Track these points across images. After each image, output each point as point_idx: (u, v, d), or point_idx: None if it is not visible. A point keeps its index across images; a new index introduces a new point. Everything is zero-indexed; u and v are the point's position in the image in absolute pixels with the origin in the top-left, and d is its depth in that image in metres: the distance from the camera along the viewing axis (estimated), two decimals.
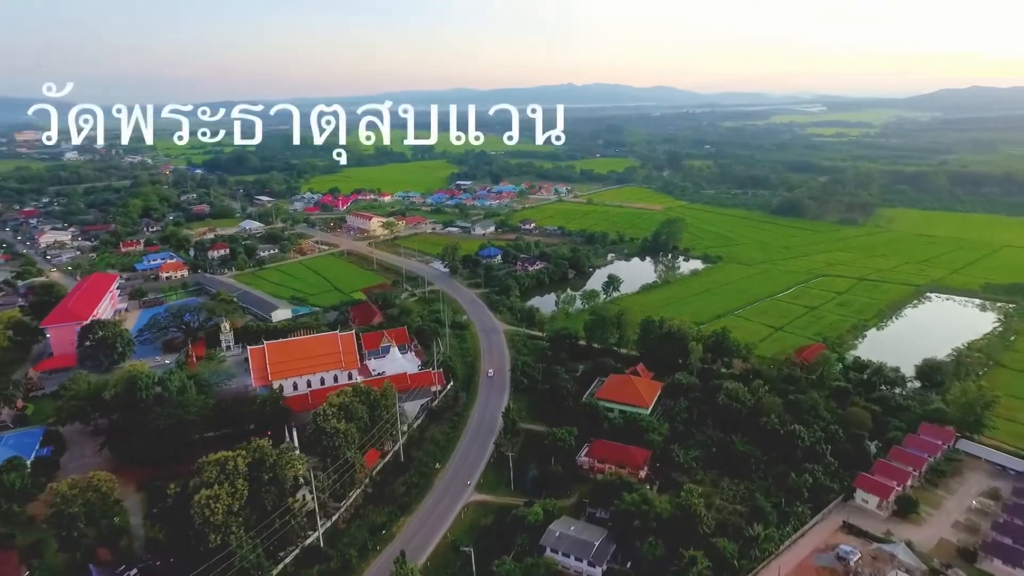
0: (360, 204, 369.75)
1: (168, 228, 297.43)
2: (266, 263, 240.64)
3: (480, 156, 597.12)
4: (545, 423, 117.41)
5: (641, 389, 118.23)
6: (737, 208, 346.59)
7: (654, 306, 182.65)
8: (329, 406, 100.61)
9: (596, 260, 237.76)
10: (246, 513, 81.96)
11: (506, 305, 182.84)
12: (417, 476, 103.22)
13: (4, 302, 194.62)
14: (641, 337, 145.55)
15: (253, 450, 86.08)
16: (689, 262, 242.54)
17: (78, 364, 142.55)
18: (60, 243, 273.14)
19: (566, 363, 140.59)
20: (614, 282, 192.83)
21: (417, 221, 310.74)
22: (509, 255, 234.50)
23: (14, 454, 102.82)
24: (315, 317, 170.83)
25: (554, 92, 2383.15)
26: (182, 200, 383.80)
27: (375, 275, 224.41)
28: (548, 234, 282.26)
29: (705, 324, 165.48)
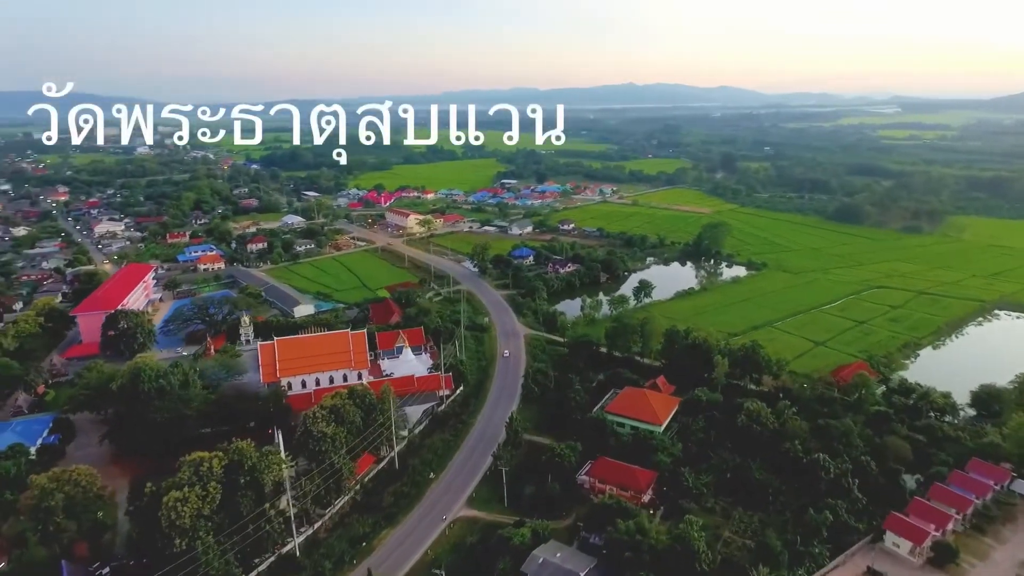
0: (403, 201, 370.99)
1: (214, 221, 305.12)
2: (300, 258, 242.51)
3: (529, 155, 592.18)
4: (551, 436, 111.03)
5: (655, 405, 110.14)
6: (791, 213, 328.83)
7: (687, 314, 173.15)
8: (320, 408, 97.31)
9: (632, 264, 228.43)
10: (220, 517, 79.26)
11: (531, 308, 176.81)
12: (408, 485, 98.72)
13: (50, 288, 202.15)
14: (665, 347, 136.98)
15: (232, 451, 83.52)
16: (732, 268, 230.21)
17: (101, 353, 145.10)
18: (112, 233, 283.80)
19: (584, 372, 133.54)
20: (645, 287, 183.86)
21: (455, 219, 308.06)
22: (542, 256, 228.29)
23: (18, 441, 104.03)
24: (335, 314, 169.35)
25: (614, 92, 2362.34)
26: (234, 194, 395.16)
27: (406, 273, 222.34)
28: (586, 235, 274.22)
29: (739, 335, 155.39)
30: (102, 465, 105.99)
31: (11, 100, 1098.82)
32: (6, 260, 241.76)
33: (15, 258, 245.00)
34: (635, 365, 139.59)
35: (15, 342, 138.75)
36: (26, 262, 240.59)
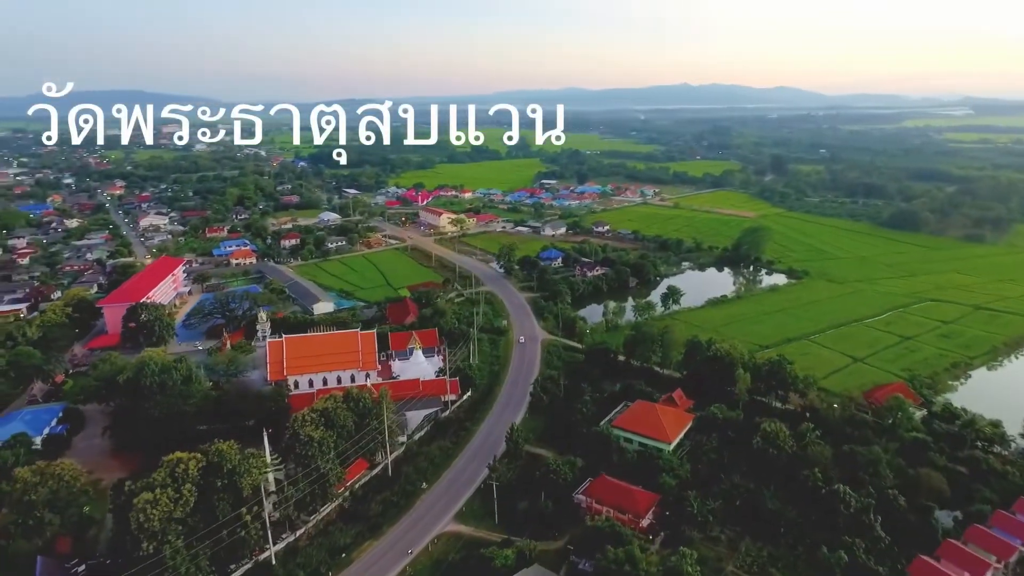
0: (440, 200, 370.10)
1: (253, 217, 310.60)
2: (331, 255, 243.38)
3: (573, 155, 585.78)
4: (554, 448, 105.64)
5: (665, 421, 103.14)
6: (842, 218, 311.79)
7: (717, 323, 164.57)
8: (311, 411, 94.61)
9: (665, 268, 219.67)
10: (194, 520, 77.19)
11: (552, 312, 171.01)
12: (398, 495, 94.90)
13: (88, 279, 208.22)
14: (685, 359, 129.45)
15: (212, 453, 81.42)
16: (772, 276, 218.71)
17: (121, 344, 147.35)
18: (155, 227, 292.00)
19: (598, 381, 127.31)
20: (673, 294, 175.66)
21: (489, 219, 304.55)
22: (570, 258, 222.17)
23: (24, 430, 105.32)
24: (352, 313, 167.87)
25: (667, 92, 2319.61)
26: (277, 190, 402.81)
27: (431, 272, 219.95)
28: (620, 238, 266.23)
29: (770, 348, 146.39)
30: (102, 458, 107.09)
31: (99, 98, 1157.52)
32: (55, 251, 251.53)
33: (63, 249, 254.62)
34: (654, 376, 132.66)
35: (39, 332, 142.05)
36: (72, 253, 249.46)
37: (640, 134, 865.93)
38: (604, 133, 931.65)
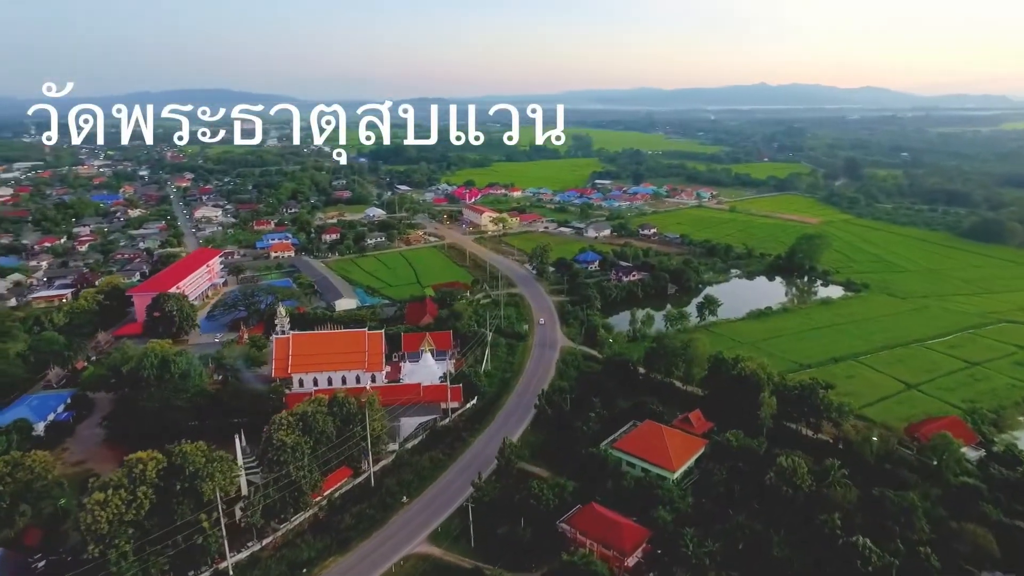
0: (488, 198, 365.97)
1: (302, 211, 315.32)
2: (368, 250, 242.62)
3: (633, 155, 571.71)
4: (551, 468, 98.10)
5: (671, 446, 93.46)
6: (916, 227, 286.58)
7: (756, 338, 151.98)
8: (290, 415, 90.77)
9: (709, 276, 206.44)
10: (151, 524, 74.33)
11: (578, 318, 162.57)
12: (375, 508, 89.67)
13: (135, 267, 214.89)
14: (709, 377, 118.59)
15: (176, 454, 78.50)
16: (827, 288, 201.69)
17: (144, 333, 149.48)
18: (208, 218, 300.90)
19: (612, 395, 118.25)
20: (710, 303, 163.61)
21: (533, 219, 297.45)
22: (607, 262, 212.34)
23: (24, 416, 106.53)
24: (373, 311, 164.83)
25: (743, 93, 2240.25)
26: (332, 185, 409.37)
27: (464, 272, 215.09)
28: (666, 242, 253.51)
29: (811, 367, 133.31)
30: (99, 448, 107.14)
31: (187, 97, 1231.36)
32: (113, 239, 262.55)
33: (120, 237, 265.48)
34: (674, 393, 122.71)
35: (66, 318, 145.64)
36: (128, 242, 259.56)
37: (707, 135, 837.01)
38: (670, 133, 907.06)
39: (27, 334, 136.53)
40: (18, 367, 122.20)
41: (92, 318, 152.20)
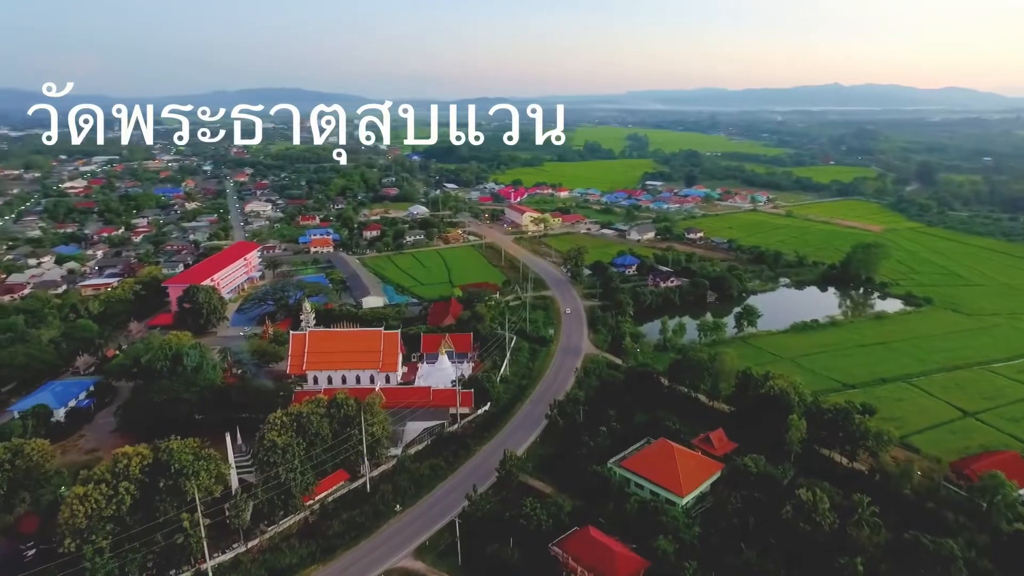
0: (534, 198, 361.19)
1: (347, 207, 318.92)
2: (405, 248, 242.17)
3: (689, 156, 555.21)
4: (555, 483, 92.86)
5: (682, 468, 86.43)
6: (993, 238, 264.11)
7: (797, 352, 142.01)
8: (285, 415, 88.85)
9: (754, 284, 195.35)
10: (134, 521, 73.52)
11: (608, 325, 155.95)
12: (366, 516, 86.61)
13: (179, 259, 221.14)
14: (735, 394, 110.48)
15: (163, 450, 77.62)
16: (885, 301, 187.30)
17: (173, 324, 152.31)
18: (256, 212, 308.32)
19: (631, 408, 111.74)
20: (749, 314, 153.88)
21: (576, 220, 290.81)
22: (645, 266, 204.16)
23: (44, 403, 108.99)
24: (398, 309, 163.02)
25: (814, 93, 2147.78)
26: (382, 182, 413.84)
27: (498, 272, 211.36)
28: (712, 247, 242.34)
29: (856, 388, 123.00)
30: (113, 437, 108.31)
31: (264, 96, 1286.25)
32: (166, 231, 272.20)
33: (173, 229, 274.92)
34: (698, 409, 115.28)
35: (101, 306, 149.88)
36: (179, 234, 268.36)
37: (772, 137, 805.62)
38: (732, 135, 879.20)
39: (63, 321, 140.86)
40: (49, 353, 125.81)
41: (127, 307, 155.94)
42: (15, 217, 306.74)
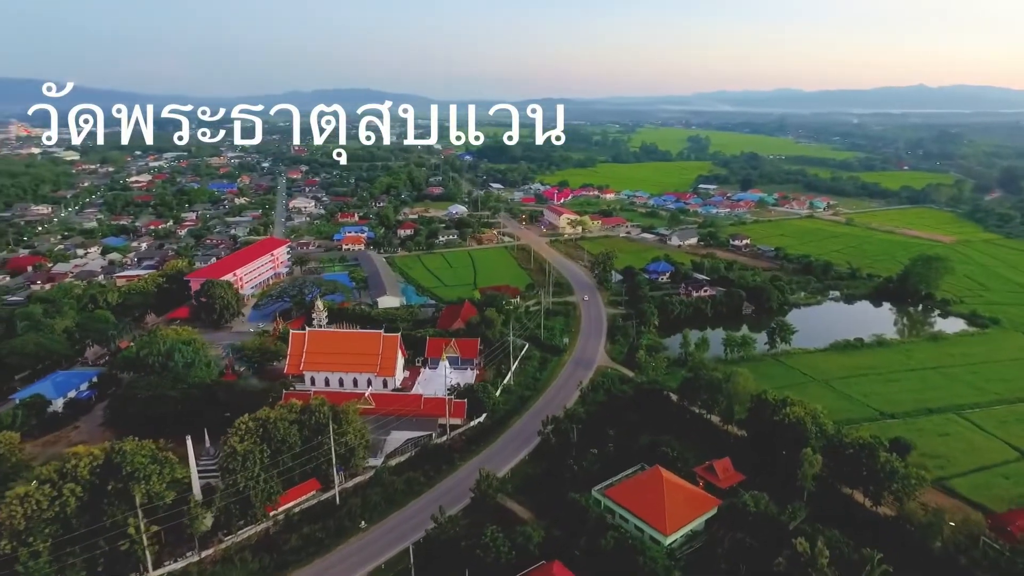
0: (578, 200, 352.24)
1: (387, 205, 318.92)
2: (436, 247, 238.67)
3: (750, 159, 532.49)
4: (536, 508, 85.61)
5: (668, 502, 77.32)
6: None
7: (834, 374, 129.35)
8: (252, 419, 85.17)
9: (798, 296, 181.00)
10: (81, 523, 71.15)
11: (627, 335, 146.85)
12: (327, 531, 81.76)
13: (214, 252, 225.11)
14: (749, 419, 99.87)
15: (116, 452, 75.06)
16: (946, 320, 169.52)
17: (189, 318, 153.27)
18: (298, 209, 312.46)
19: (637, 428, 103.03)
20: (783, 330, 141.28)
21: (617, 222, 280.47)
22: (679, 274, 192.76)
23: (42, 392, 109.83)
24: (411, 311, 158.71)
25: (897, 95, 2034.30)
26: (429, 181, 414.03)
27: (526, 275, 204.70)
28: (758, 255, 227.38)
29: (896, 418, 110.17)
30: (103, 431, 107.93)
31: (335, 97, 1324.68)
32: (210, 225, 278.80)
33: (217, 224, 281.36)
34: (710, 432, 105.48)
35: (120, 298, 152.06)
36: (222, 228, 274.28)
37: (843, 140, 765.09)
38: (800, 137, 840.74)
39: (81, 311, 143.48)
40: (60, 343, 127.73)
41: (147, 299, 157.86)
42: (78, 208, 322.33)
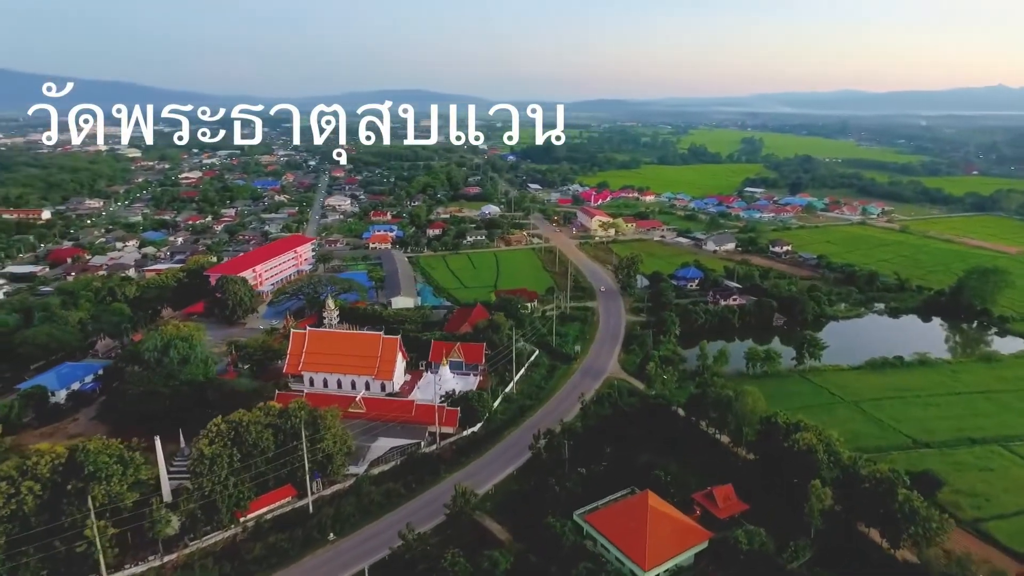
0: (618, 201, 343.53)
1: (420, 204, 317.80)
2: (462, 248, 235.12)
3: (802, 162, 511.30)
4: (516, 529, 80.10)
5: (652, 533, 70.35)
6: None
7: (866, 395, 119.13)
8: (225, 422, 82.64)
9: (836, 308, 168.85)
10: (43, 521, 69.89)
11: (644, 344, 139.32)
12: (293, 542, 78.29)
13: (243, 250, 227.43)
14: (759, 442, 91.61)
15: (80, 451, 73.64)
16: (1004, 339, 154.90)
17: (204, 313, 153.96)
18: (333, 207, 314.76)
19: (637, 446, 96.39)
20: (813, 345, 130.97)
21: (652, 225, 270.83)
22: (708, 281, 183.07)
23: (50, 383, 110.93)
24: (422, 313, 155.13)
25: (974, 96, 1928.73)
26: (468, 181, 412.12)
27: (549, 278, 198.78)
28: (797, 262, 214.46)
29: (931, 448, 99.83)
30: (99, 426, 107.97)
31: (393, 96, 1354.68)
32: (246, 222, 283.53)
33: (252, 220, 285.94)
34: (719, 453, 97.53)
35: (138, 291, 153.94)
36: (258, 224, 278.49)
37: (909, 143, 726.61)
38: (862, 140, 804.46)
39: (98, 304, 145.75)
40: (72, 334, 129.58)
41: (165, 294, 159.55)
42: (127, 203, 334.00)
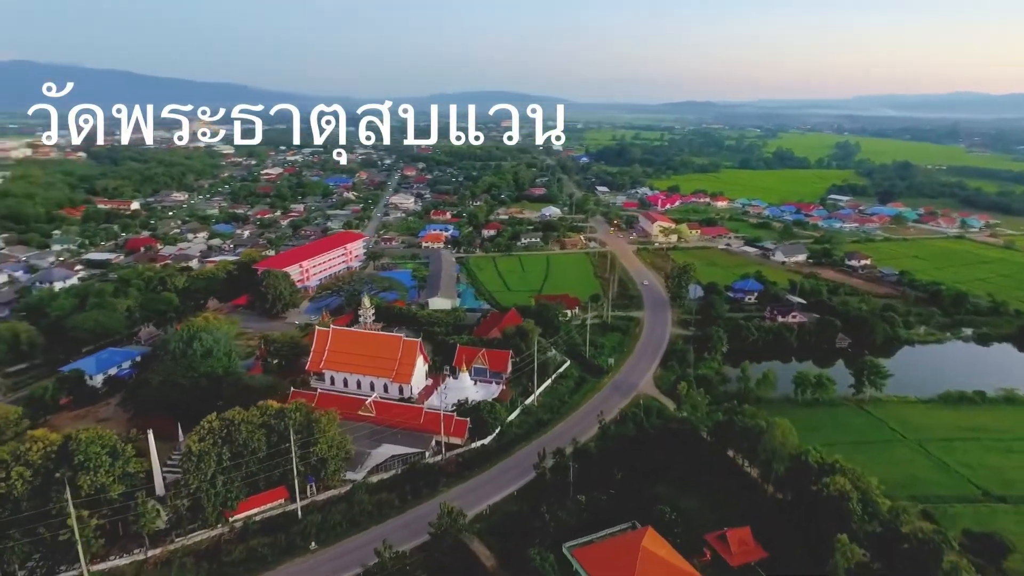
0: (687, 207, 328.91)
1: (481, 204, 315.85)
2: (515, 250, 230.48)
3: (899, 169, 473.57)
4: (503, 555, 74.75)
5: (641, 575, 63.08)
6: None
7: (934, 433, 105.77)
8: (219, 419, 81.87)
9: (914, 332, 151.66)
10: (34, 506, 71.16)
11: (683, 360, 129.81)
12: (272, 549, 76.15)
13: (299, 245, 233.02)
14: (786, 481, 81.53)
15: (73, 440, 74.65)
16: None
17: (246, 306, 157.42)
18: (395, 205, 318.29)
19: (658, 473, 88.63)
20: (875, 372, 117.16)
21: (718, 233, 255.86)
22: (769, 295, 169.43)
23: (88, 367, 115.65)
24: (456, 315, 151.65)
25: None
26: (536, 182, 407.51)
27: (598, 284, 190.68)
28: (876, 279, 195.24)
29: (1008, 504, 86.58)
30: (116, 410, 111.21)
31: (477, 98, 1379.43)
32: (313, 217, 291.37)
33: (317, 216, 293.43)
34: (745, 486, 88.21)
35: (187, 282, 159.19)
36: (322, 220, 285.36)
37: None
38: (974, 145, 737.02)
39: (149, 292, 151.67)
40: (117, 321, 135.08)
41: (213, 285, 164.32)
42: (208, 196, 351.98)
